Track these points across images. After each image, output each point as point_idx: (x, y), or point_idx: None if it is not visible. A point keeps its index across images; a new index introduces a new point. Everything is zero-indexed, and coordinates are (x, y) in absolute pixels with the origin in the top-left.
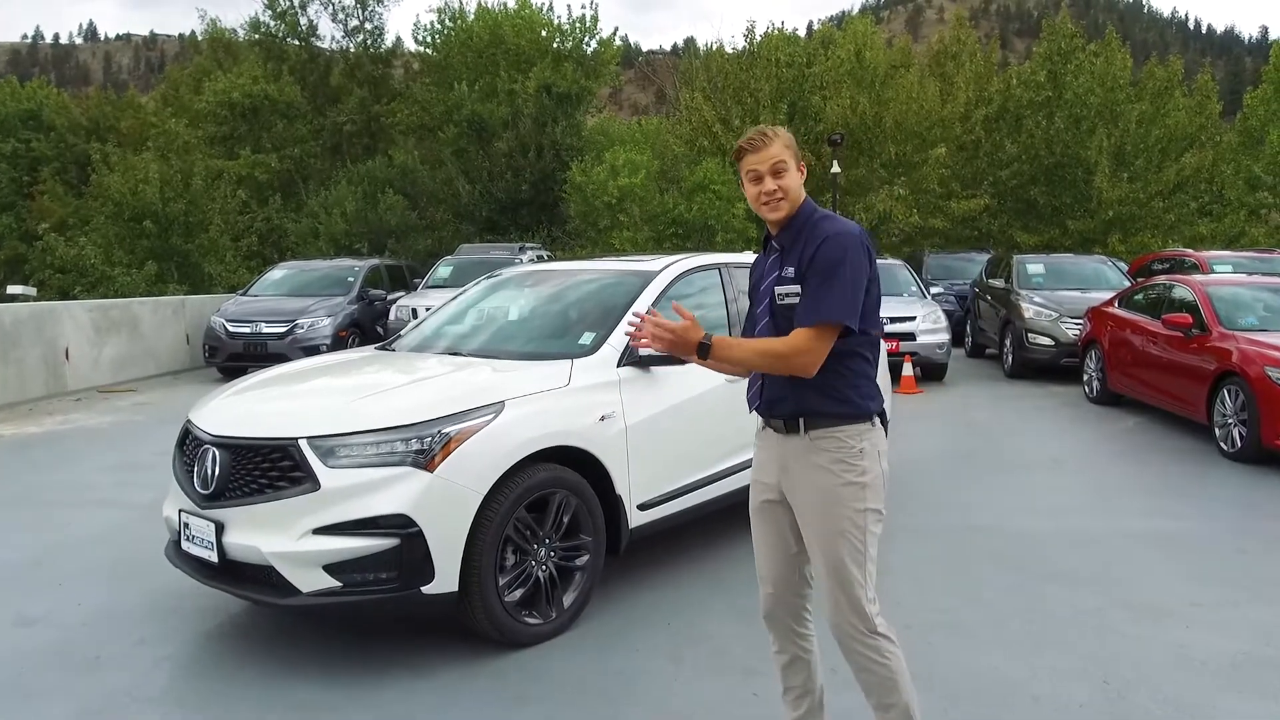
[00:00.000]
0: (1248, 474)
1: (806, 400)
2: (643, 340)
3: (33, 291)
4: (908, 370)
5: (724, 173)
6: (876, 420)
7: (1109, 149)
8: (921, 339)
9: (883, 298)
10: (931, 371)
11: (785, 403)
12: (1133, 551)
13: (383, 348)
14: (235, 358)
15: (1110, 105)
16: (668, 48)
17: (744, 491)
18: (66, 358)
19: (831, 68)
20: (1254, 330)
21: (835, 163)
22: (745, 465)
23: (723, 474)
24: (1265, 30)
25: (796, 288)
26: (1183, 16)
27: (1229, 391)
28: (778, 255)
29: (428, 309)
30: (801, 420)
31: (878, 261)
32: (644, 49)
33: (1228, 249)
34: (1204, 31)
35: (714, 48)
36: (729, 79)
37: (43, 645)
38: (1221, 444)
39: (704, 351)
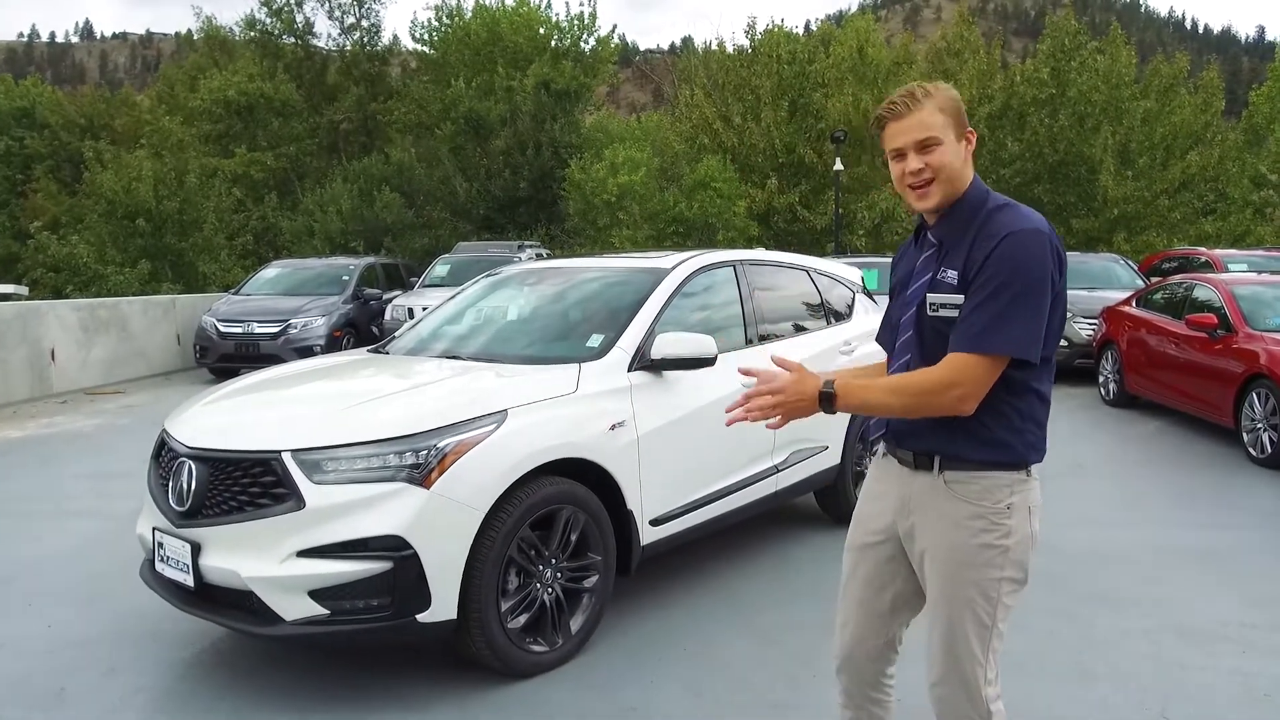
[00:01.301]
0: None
1: (948, 441)
2: (752, 419)
3: (24, 290)
4: None
5: (725, 170)
6: (1033, 470)
7: (1113, 147)
8: None
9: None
10: None
11: (918, 438)
12: (1171, 566)
13: (377, 350)
14: (226, 359)
15: (1115, 103)
16: (665, 47)
17: (765, 502)
18: (52, 359)
19: (833, 64)
20: None
21: (838, 160)
22: (767, 473)
23: (742, 484)
24: (1262, 30)
25: (958, 297)
26: (1179, 16)
27: (1259, 395)
28: (933, 251)
29: (425, 308)
30: (937, 458)
31: (885, 260)
32: (641, 48)
33: (1233, 247)
34: (1201, 31)
35: (713, 45)
36: (729, 75)
37: (4, 675)
38: (1250, 449)
39: (828, 403)
